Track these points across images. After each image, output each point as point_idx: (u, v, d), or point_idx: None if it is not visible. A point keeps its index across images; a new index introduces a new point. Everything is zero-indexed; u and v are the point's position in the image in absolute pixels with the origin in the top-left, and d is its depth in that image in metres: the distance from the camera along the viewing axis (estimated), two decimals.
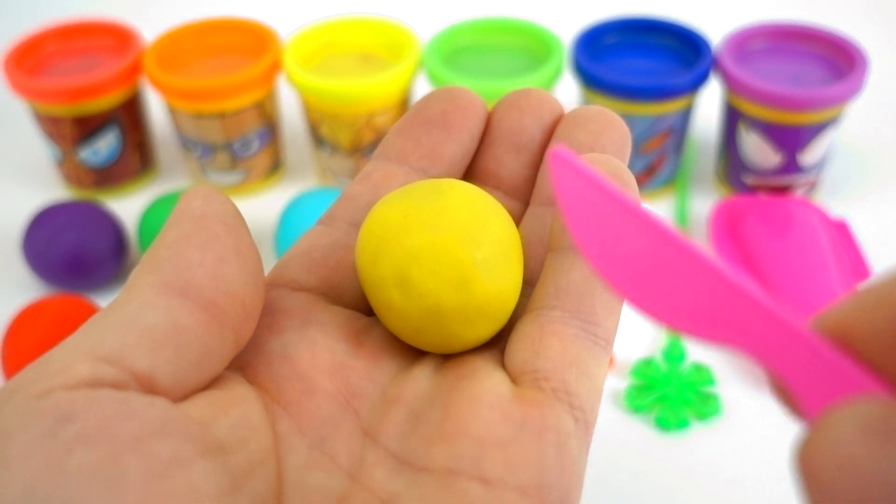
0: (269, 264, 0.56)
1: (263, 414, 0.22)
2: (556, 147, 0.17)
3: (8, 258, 0.56)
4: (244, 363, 0.23)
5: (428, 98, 0.27)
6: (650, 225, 0.16)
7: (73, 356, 0.20)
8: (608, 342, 0.23)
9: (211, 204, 0.23)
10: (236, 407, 0.21)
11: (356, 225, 0.26)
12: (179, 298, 0.21)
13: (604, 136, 0.25)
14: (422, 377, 0.23)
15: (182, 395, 0.21)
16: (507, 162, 0.27)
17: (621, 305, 0.23)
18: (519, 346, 0.23)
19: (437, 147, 0.26)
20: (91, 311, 0.46)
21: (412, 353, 0.24)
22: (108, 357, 0.20)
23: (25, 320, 0.45)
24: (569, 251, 0.23)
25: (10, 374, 0.45)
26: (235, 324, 0.22)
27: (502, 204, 0.26)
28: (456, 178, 0.27)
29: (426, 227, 0.23)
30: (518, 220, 0.26)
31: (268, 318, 0.24)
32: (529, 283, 0.25)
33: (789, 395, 0.14)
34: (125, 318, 0.20)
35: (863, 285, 0.13)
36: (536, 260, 0.25)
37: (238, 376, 0.23)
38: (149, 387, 0.20)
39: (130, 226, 0.56)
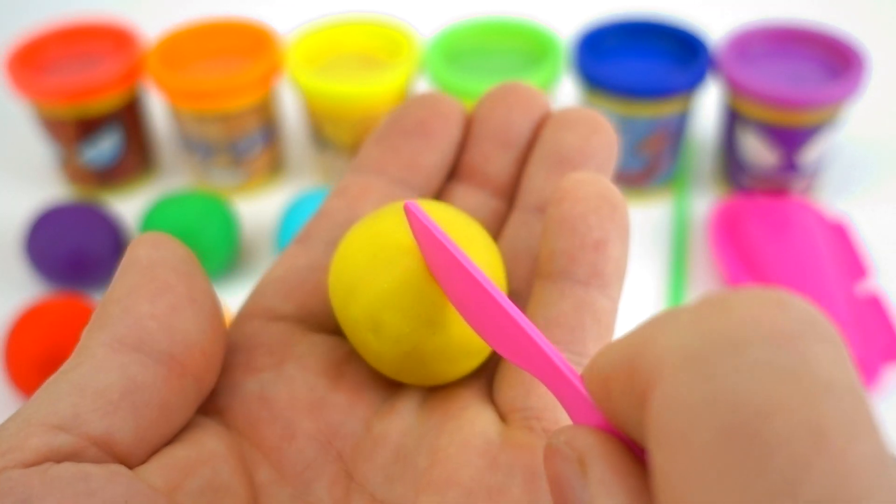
0: (268, 264, 0.56)
1: (235, 468, 0.21)
2: (408, 202, 0.21)
3: (9, 258, 0.56)
4: (222, 407, 0.22)
5: (405, 106, 0.26)
6: (465, 270, 0.20)
7: (25, 428, 0.19)
8: None
9: (159, 251, 0.22)
10: (203, 466, 0.20)
11: (333, 244, 0.25)
12: (134, 354, 0.20)
13: (593, 140, 0.24)
14: (406, 412, 0.22)
15: (145, 454, 0.20)
16: (495, 158, 0.26)
17: (608, 341, 0.22)
18: (507, 383, 0.22)
19: (417, 156, 0.25)
20: (91, 311, 0.46)
21: (395, 382, 0.23)
22: (62, 424, 0.19)
23: (27, 320, 0.45)
24: (557, 279, 0.22)
25: (12, 373, 0.45)
26: (196, 373, 0.21)
27: (487, 206, 0.25)
28: (436, 187, 0.26)
29: (396, 266, 0.21)
30: (502, 222, 0.26)
31: (244, 357, 0.23)
32: (514, 295, 0.24)
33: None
34: (77, 380, 0.20)
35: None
36: (522, 273, 0.24)
37: (209, 423, 0.22)
38: (108, 450, 0.19)
39: (131, 226, 0.56)
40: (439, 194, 0.26)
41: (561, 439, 0.17)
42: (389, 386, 0.23)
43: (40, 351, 0.44)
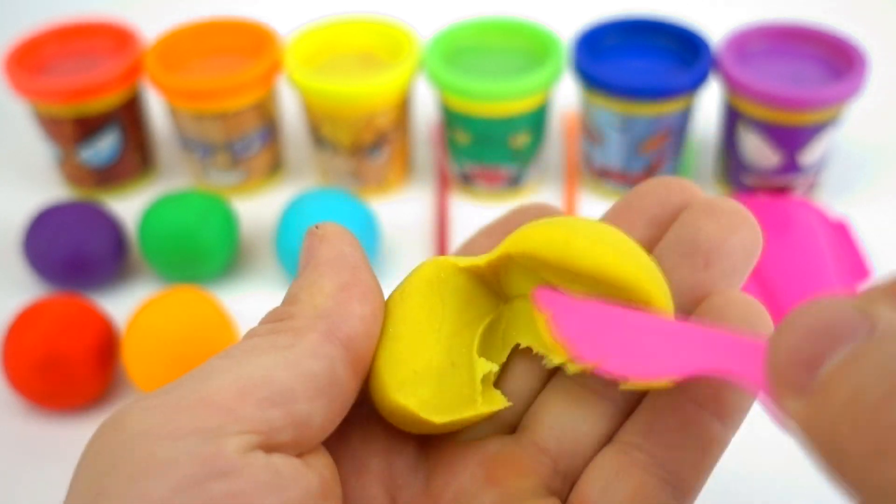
0: (268, 264, 0.56)
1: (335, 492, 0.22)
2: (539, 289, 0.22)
3: (8, 258, 0.56)
4: None
5: (519, 210, 0.27)
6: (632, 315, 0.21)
7: (241, 391, 0.20)
8: (685, 500, 0.22)
9: (357, 253, 0.23)
10: (337, 477, 0.22)
11: None
12: (341, 350, 0.22)
13: (734, 238, 0.23)
14: (465, 477, 0.23)
15: (317, 444, 0.22)
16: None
17: (710, 468, 0.22)
18: (593, 480, 0.23)
19: None
20: (91, 311, 0.46)
21: (466, 436, 0.24)
22: (275, 398, 0.20)
23: (26, 320, 0.45)
24: (675, 390, 0.22)
25: (10, 374, 0.45)
26: (364, 381, 0.23)
27: None
28: None
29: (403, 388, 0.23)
30: None
31: None
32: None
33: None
34: (292, 359, 0.21)
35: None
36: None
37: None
38: (302, 432, 0.21)
39: (130, 226, 0.56)
40: None
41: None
42: (455, 441, 0.24)
43: (39, 351, 0.44)
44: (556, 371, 0.25)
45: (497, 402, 0.24)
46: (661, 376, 0.20)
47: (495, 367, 0.24)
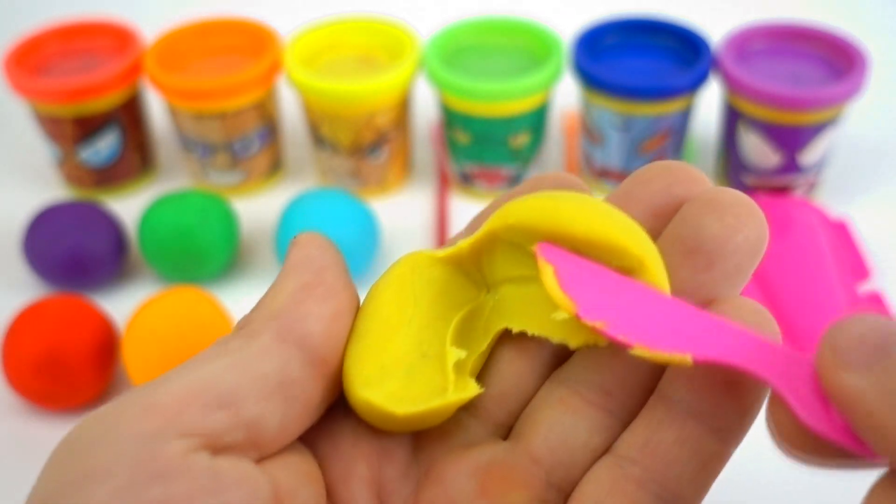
0: (268, 264, 0.56)
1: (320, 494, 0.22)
2: (540, 245, 0.22)
3: (8, 258, 0.56)
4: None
5: (540, 178, 0.26)
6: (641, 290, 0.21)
7: (185, 395, 0.20)
8: None
9: (326, 255, 0.23)
10: (315, 482, 0.22)
11: None
12: (295, 350, 0.21)
13: (738, 236, 0.21)
14: (454, 487, 0.23)
15: (280, 446, 0.21)
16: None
17: (708, 484, 0.22)
18: (587, 496, 0.22)
19: None
20: (91, 311, 0.46)
21: (458, 442, 0.24)
22: (220, 400, 0.20)
23: (26, 320, 0.45)
24: (674, 404, 0.22)
25: (10, 374, 0.45)
26: (335, 382, 0.22)
27: None
28: None
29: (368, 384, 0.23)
30: None
31: None
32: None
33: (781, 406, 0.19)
34: (242, 360, 0.21)
35: None
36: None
37: (299, 443, 0.23)
38: (254, 435, 0.21)
39: (130, 226, 0.56)
40: None
41: None
42: (446, 449, 0.24)
43: (39, 351, 0.44)
44: (552, 372, 0.24)
45: (469, 389, 0.23)
46: (669, 349, 0.20)
47: (464, 354, 0.24)
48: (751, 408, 0.22)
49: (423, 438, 0.24)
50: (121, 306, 0.51)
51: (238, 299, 0.52)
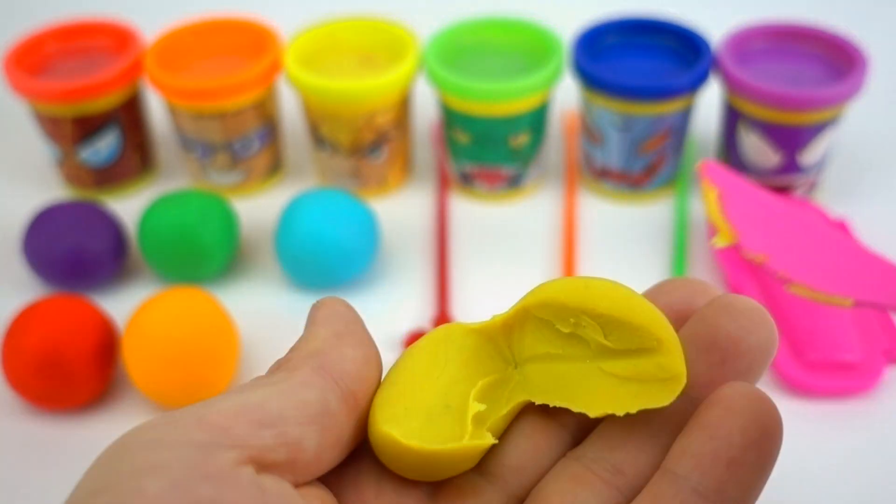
0: (268, 264, 0.56)
1: None
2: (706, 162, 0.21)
3: (8, 258, 0.56)
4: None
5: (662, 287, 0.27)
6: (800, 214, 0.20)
7: (235, 413, 0.21)
8: None
9: (351, 313, 0.26)
10: None
11: None
12: (332, 383, 0.23)
13: (752, 337, 0.23)
14: None
15: (316, 473, 0.23)
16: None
17: None
18: None
19: None
20: (91, 311, 0.46)
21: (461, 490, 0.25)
22: (267, 420, 0.22)
23: (25, 320, 0.45)
24: (679, 481, 0.22)
25: (10, 373, 0.45)
26: (364, 422, 0.24)
27: None
28: None
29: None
30: None
31: None
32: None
33: None
34: (285, 388, 0.23)
35: None
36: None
37: (323, 485, 0.24)
38: (294, 456, 0.22)
39: (130, 226, 0.56)
40: None
41: None
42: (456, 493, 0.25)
43: (39, 351, 0.44)
44: (566, 451, 0.26)
45: (485, 439, 0.24)
46: (830, 290, 0.20)
47: (483, 407, 0.25)
48: (756, 485, 0.22)
49: (441, 499, 0.25)
50: (121, 306, 0.51)
51: (238, 299, 0.52)
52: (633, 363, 0.24)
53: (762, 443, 0.22)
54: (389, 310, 0.52)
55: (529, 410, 0.26)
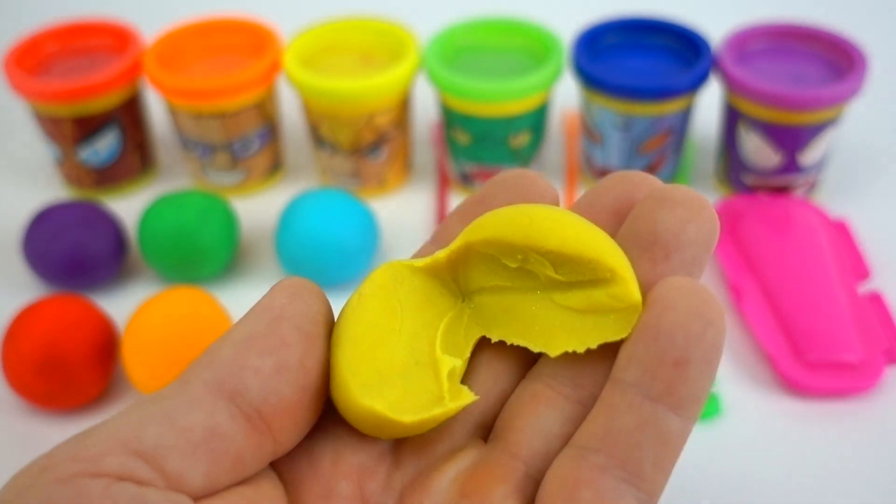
0: (268, 264, 0.56)
1: None
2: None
3: (8, 258, 0.56)
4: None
5: (494, 184, 0.26)
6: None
7: (108, 444, 0.20)
8: (651, 500, 0.22)
9: (295, 303, 0.23)
10: None
11: None
12: (226, 403, 0.21)
13: (691, 227, 0.22)
14: (438, 492, 0.23)
15: (209, 494, 0.21)
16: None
17: (672, 463, 0.22)
18: (552, 490, 0.22)
19: None
20: (91, 311, 0.46)
21: (440, 450, 0.24)
22: (141, 452, 0.20)
23: (25, 320, 0.45)
24: (628, 388, 0.22)
25: (10, 373, 0.45)
26: (278, 435, 0.22)
27: None
28: None
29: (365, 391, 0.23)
30: None
31: None
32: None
33: None
34: (170, 410, 0.21)
35: None
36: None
37: (268, 468, 0.23)
38: (176, 486, 0.20)
39: (130, 226, 0.56)
40: None
41: None
42: (435, 450, 0.24)
43: (39, 351, 0.44)
44: (525, 370, 0.25)
45: (464, 397, 0.24)
46: None
47: (458, 362, 0.24)
48: (706, 379, 0.21)
49: (405, 449, 0.24)
50: (121, 306, 0.51)
51: (238, 299, 0.52)
52: (587, 294, 0.23)
53: (706, 336, 0.21)
54: None
55: (483, 338, 0.25)
